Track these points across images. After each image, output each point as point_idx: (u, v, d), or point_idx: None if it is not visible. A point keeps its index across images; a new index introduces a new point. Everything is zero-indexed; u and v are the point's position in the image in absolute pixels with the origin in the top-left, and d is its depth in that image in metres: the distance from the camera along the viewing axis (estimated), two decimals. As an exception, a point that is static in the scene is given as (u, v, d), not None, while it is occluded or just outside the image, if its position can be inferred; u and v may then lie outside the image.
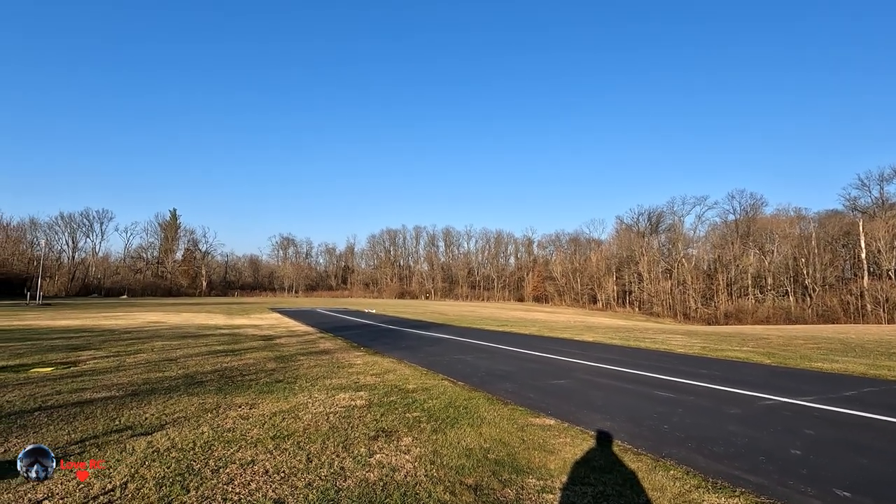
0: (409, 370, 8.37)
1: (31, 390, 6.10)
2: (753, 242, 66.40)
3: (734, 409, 5.68)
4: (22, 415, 4.92)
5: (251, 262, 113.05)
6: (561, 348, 12.20)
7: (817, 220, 64.02)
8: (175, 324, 18.94)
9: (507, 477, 3.50)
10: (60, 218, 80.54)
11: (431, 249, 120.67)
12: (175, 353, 10.10)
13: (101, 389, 6.24)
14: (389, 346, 12.47)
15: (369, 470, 3.56)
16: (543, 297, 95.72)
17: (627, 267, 79.36)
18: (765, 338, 15.73)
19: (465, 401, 5.99)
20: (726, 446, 4.27)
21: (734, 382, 7.44)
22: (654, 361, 9.83)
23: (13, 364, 8.24)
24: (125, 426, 4.58)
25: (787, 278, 59.93)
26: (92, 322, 19.09)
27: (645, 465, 3.75)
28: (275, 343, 12.47)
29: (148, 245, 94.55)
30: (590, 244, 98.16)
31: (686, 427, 4.90)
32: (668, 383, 7.38)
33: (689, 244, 76.34)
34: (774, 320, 50.78)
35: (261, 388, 6.51)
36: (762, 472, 3.64)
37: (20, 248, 66.73)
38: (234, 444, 4.10)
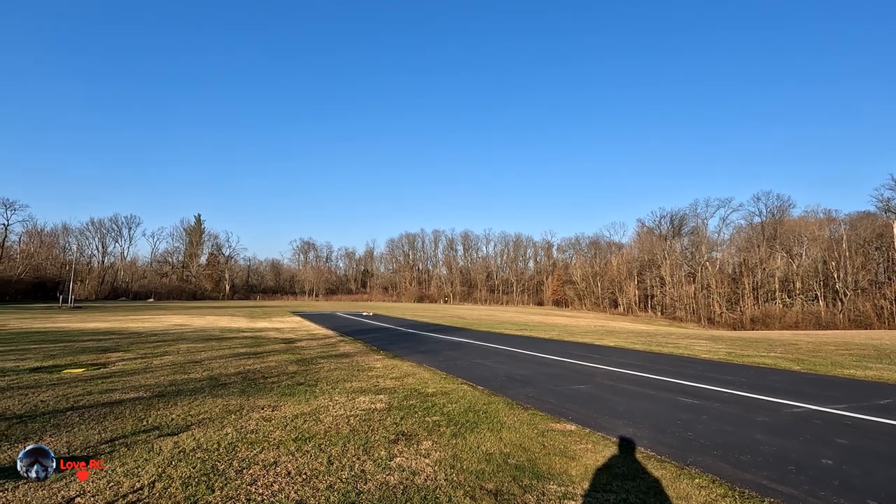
0: (428, 374, 8.39)
1: (64, 390, 6.31)
2: (780, 245, 64.54)
3: (762, 417, 5.53)
4: (55, 414, 5.09)
5: (273, 267, 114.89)
6: (581, 353, 12.06)
7: (848, 222, 61.86)
8: (199, 327, 19.35)
9: (527, 482, 3.47)
10: (91, 224, 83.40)
11: (450, 253, 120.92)
12: (199, 355, 10.32)
13: (130, 390, 6.42)
14: (408, 349, 12.52)
15: (389, 473, 3.57)
16: (563, 301, 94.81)
17: (649, 270, 78.05)
18: (793, 343, 15.27)
19: (484, 405, 5.97)
20: (754, 455, 4.15)
21: (761, 389, 7.24)
22: (678, 367, 9.63)
23: (47, 365, 8.54)
24: (152, 426, 4.70)
25: (816, 282, 58.08)
26: (120, 325, 19.65)
27: (669, 473, 3.68)
28: (296, 346, 12.63)
29: (173, 250, 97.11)
30: (610, 247, 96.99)
31: (711, 434, 4.78)
32: (692, 389, 7.23)
33: (713, 247, 74.63)
34: (803, 325, 49.28)
35: (283, 391, 6.60)
36: (792, 482, 3.53)
37: (53, 253, 69.18)
38: (257, 445, 4.17)
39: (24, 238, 66.53)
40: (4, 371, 7.78)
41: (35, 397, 5.88)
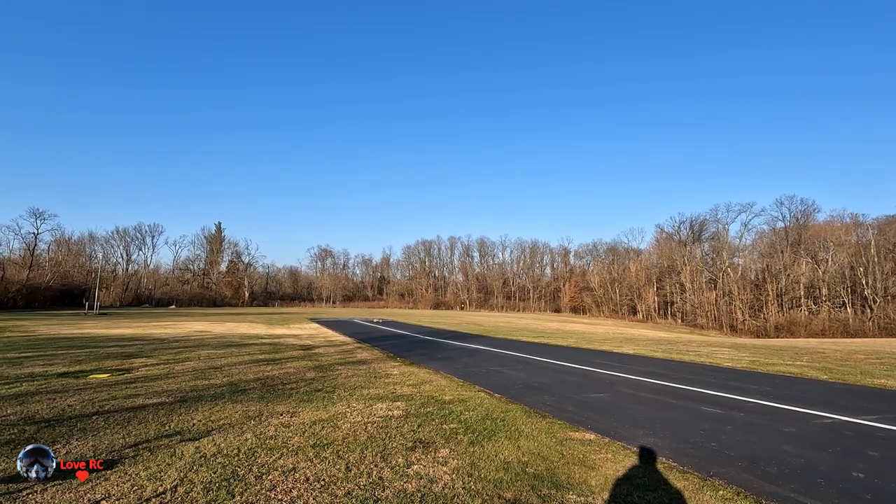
0: (445, 381, 8.37)
1: (90, 395, 6.46)
2: (805, 251, 62.87)
3: (788, 428, 5.37)
4: (81, 418, 5.22)
5: (290, 274, 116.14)
6: (600, 361, 11.90)
7: (876, 226, 59.98)
8: (219, 333, 19.66)
9: (546, 492, 3.43)
10: (116, 232, 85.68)
11: (466, 260, 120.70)
12: (220, 361, 10.48)
13: (153, 395, 6.54)
14: (425, 356, 12.51)
15: (407, 481, 3.57)
16: (581, 308, 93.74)
17: (669, 277, 76.72)
18: (820, 352, 14.82)
19: (502, 413, 5.92)
20: (780, 466, 4.04)
21: (788, 399, 7.04)
22: (700, 375, 9.43)
23: (74, 370, 8.76)
24: (175, 431, 4.78)
25: (843, 288, 56.33)
26: (143, 331, 20.07)
27: (692, 484, 3.60)
28: (314, 353, 12.73)
29: (195, 257, 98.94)
30: (628, 254, 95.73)
31: (736, 445, 4.66)
32: (714, 398, 7.07)
33: (734, 253, 73.00)
34: (830, 333, 47.82)
35: (301, 397, 6.66)
36: (821, 496, 3.42)
37: (80, 261, 71.16)
38: (276, 451, 4.21)
39: (52, 246, 68.70)
40: (34, 376, 8.01)
41: (62, 402, 6.04)
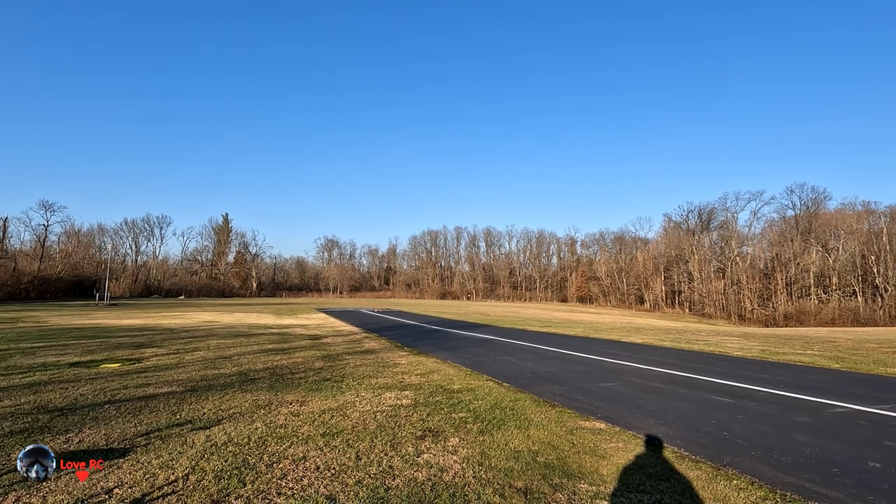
0: (453, 370, 8.36)
1: (102, 385, 6.52)
2: (816, 239, 62.17)
3: (802, 417, 5.31)
4: (94, 407, 5.26)
5: (298, 264, 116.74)
6: (608, 350, 11.86)
7: (889, 214, 59.14)
8: (228, 323, 19.81)
9: (557, 481, 3.40)
10: (125, 224, 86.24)
11: (472, 250, 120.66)
12: (229, 351, 10.55)
13: (163, 385, 6.59)
14: (433, 346, 12.52)
15: (417, 469, 3.56)
16: (588, 297, 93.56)
17: (676, 266, 76.25)
18: (831, 340, 14.68)
19: (511, 402, 5.91)
20: (794, 456, 3.99)
21: (800, 388, 6.97)
22: (710, 365, 9.36)
23: (86, 360, 8.85)
24: (185, 420, 4.81)
25: (854, 277, 55.79)
26: (153, 321, 20.26)
27: (705, 474, 3.56)
28: (322, 342, 12.79)
29: (202, 248, 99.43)
30: (636, 243, 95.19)
31: (749, 435, 4.61)
32: (725, 388, 7.01)
33: (743, 242, 72.48)
34: (841, 322, 47.42)
35: (310, 386, 6.68)
36: (837, 486, 3.37)
37: (90, 253, 71.87)
38: (287, 440, 4.21)
39: (62, 238, 69.46)
40: (46, 366, 8.10)
41: (75, 391, 6.10)
